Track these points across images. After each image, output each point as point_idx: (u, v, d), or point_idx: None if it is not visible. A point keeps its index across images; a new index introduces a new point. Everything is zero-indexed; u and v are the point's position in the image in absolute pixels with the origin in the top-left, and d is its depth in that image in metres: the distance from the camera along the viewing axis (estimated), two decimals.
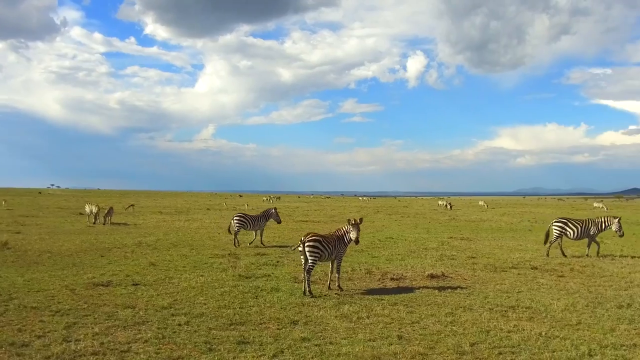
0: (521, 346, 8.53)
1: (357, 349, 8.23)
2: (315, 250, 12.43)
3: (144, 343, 8.49)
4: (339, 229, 13.43)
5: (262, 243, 23.00)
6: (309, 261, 12.42)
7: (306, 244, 12.41)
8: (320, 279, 14.28)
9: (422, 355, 8.07)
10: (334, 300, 11.92)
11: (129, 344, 8.44)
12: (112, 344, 8.40)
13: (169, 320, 9.92)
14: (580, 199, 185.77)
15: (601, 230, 19.86)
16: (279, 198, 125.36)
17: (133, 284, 13.48)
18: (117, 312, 10.54)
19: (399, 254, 20.06)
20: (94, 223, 34.43)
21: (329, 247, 12.71)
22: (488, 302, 11.83)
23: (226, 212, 53.22)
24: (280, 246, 22.61)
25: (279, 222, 24.88)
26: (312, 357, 7.94)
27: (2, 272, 15.00)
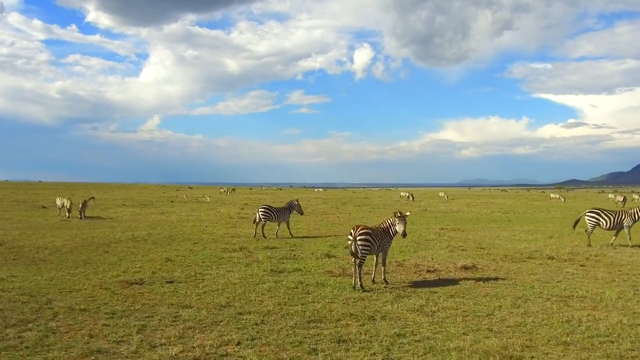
0: (614, 335, 8.59)
1: (464, 344, 8.07)
2: (367, 243, 12.29)
3: (236, 346, 8.01)
4: (384, 221, 13.28)
5: (290, 234, 23.43)
6: (360, 254, 12.22)
7: (358, 238, 12.19)
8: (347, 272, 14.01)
9: (529, 347, 7.98)
10: (390, 293, 11.70)
11: (220, 347, 7.94)
12: (204, 347, 7.85)
13: (242, 320, 9.44)
14: (523, 190, 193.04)
15: (635, 221, 20.32)
16: (234, 190, 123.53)
17: (167, 282, 12.79)
18: (178, 312, 9.94)
19: (406, 246, 20.00)
20: (68, 217, 32.72)
21: (378, 240, 12.61)
22: (539, 292, 11.92)
23: (193, 205, 51.85)
24: (285, 238, 22.20)
25: (302, 213, 25.01)
26: (423, 354, 7.71)
27: (13, 271, 13.90)
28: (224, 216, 36.36)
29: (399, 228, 12.76)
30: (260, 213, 22.89)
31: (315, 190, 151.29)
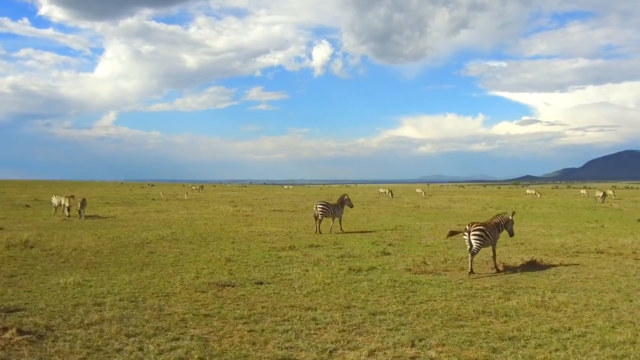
0: None
1: (626, 337, 8.19)
2: (480, 237, 13.77)
3: (411, 347, 7.84)
4: (495, 217, 15.03)
5: (341, 229, 24.16)
6: (474, 246, 13.72)
7: (472, 233, 13.73)
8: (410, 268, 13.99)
9: None
10: (495, 290, 11.71)
11: (397, 348, 7.75)
12: (385, 350, 7.67)
13: (384, 321, 9.31)
14: (479, 186, 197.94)
15: None
16: (202, 187, 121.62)
17: (257, 283, 12.40)
18: (308, 314, 9.69)
19: (446, 242, 20.09)
20: (68, 216, 31.38)
21: (490, 234, 14.08)
22: (633, 285, 12.13)
23: (178, 202, 50.68)
24: (320, 235, 21.96)
25: (352, 206, 26.17)
26: (600, 349, 7.77)
27: (80, 275, 13.12)
28: (225, 214, 35.71)
29: (510, 226, 14.95)
30: (318, 209, 23.75)
31: (284, 187, 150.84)
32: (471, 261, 13.75)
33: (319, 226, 23.87)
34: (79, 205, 31.97)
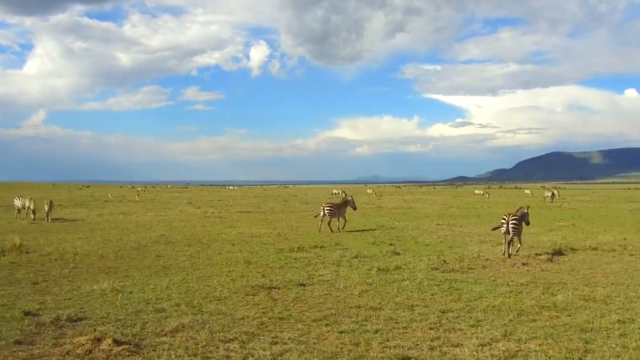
0: None
1: None
2: (517, 226, 16.68)
3: (506, 342, 8.08)
4: (517, 211, 17.73)
5: (339, 229, 24.95)
6: (511, 234, 16.67)
7: (510, 222, 16.74)
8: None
9: None
10: (532, 286, 12.21)
11: (495, 342, 8.02)
12: (490, 347, 7.89)
13: (461, 319, 9.50)
14: (415, 187, 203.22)
15: None
16: (146, 188, 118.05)
17: (299, 285, 12.36)
18: (381, 314, 9.77)
19: (441, 241, 20.71)
20: (33, 219, 29.73)
21: (520, 224, 16.93)
22: None
23: (136, 204, 49.05)
24: (303, 236, 22.00)
25: (355, 208, 27.43)
26: None
27: (109, 281, 12.56)
28: (196, 216, 34.97)
29: (527, 218, 17.74)
30: (326, 210, 24.88)
31: (229, 187, 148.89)
32: (507, 246, 16.71)
33: (326, 226, 24.93)
34: (47, 208, 30.38)
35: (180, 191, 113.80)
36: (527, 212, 17.86)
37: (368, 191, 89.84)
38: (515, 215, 17.08)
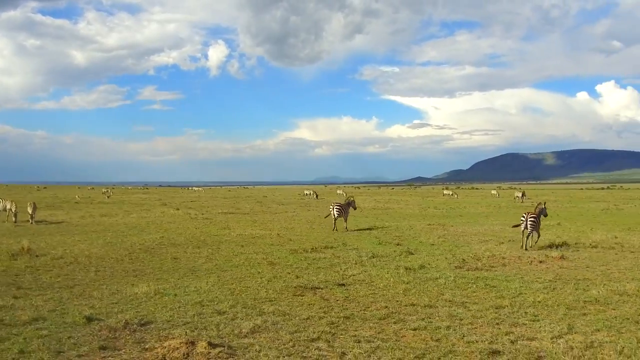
0: None
1: None
2: (534, 222, 18.98)
3: (574, 334, 8.48)
4: (537, 207, 20.59)
5: (337, 228, 26.14)
6: (529, 229, 18.85)
7: (529, 219, 18.92)
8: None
9: None
10: (561, 282, 12.72)
11: (566, 335, 8.39)
12: (566, 337, 8.27)
13: (513, 314, 9.85)
14: (374, 187, 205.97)
15: None
16: (110, 190, 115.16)
17: (339, 285, 12.53)
18: (439, 311, 10.06)
19: (443, 241, 21.22)
20: (15, 222, 28.72)
21: (539, 220, 19.32)
22: None
23: (108, 206, 47.94)
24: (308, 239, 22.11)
25: (355, 208, 29.12)
26: None
27: (152, 284, 12.40)
28: (182, 217, 34.50)
29: (544, 212, 20.89)
30: (335, 210, 26.54)
31: (195, 189, 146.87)
32: (525, 240, 18.83)
33: (335, 224, 26.48)
34: (30, 210, 29.37)
35: (144, 192, 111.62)
36: (545, 207, 20.88)
37: (339, 192, 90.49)
38: (534, 213, 19.40)
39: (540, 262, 15.81)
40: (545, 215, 21.29)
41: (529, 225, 18.90)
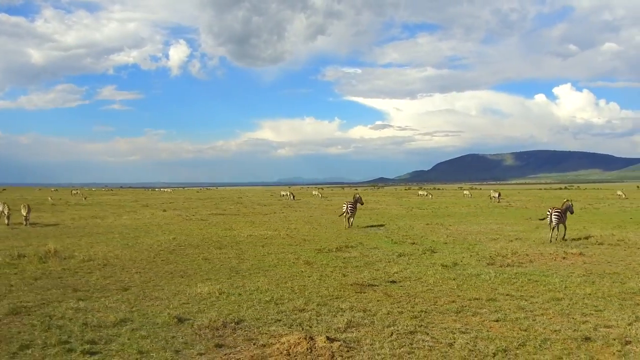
0: None
1: None
2: (558, 216, 21.10)
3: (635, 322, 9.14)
4: (564, 203, 22.53)
5: (350, 224, 27.90)
6: (554, 223, 21.03)
7: (553, 214, 21.18)
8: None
9: None
10: (599, 275, 13.46)
11: (634, 324, 9.02)
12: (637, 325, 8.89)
13: (576, 305, 10.46)
14: (338, 188, 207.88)
15: None
16: (80, 191, 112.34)
17: (390, 282, 12.93)
18: (501, 305, 10.58)
19: (452, 239, 21.90)
20: (8, 224, 28.00)
21: (564, 215, 21.44)
22: None
23: (90, 208, 46.96)
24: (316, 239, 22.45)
25: (362, 203, 30.14)
26: None
27: (210, 285, 12.51)
28: (176, 219, 34.24)
29: (571, 209, 22.66)
30: (348, 208, 27.97)
31: (165, 190, 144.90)
32: (552, 234, 20.92)
33: (348, 222, 27.96)
34: (25, 212, 28.69)
35: (113, 194, 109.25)
36: (572, 204, 22.99)
37: (314, 192, 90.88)
38: (558, 209, 21.67)
39: (563, 258, 16.60)
40: (572, 212, 22.99)
41: (553, 220, 21.02)
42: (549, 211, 21.77)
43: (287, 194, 79.61)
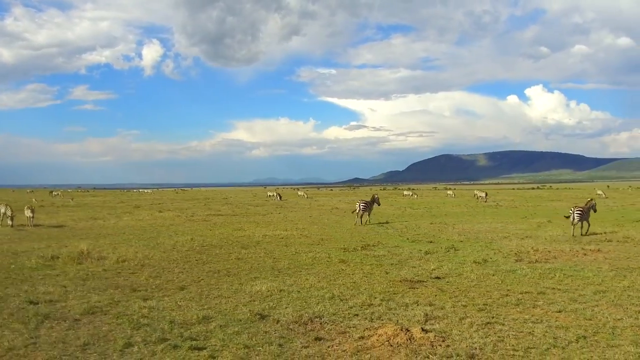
0: None
1: None
2: (581, 214, 22.84)
3: None
4: (588, 202, 25.06)
5: (362, 222, 29.44)
6: (576, 220, 22.86)
7: (576, 212, 23.01)
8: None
9: None
10: (628, 270, 14.21)
11: None
12: None
13: (625, 296, 11.11)
14: (313, 188, 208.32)
15: None
16: (61, 193, 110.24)
17: (435, 278, 13.46)
18: (553, 297, 11.13)
19: (462, 239, 22.58)
20: (12, 226, 27.65)
21: (585, 212, 23.17)
22: None
23: (80, 209, 46.43)
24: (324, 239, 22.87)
25: (379, 204, 32.94)
26: None
27: (265, 283, 12.82)
28: (182, 220, 34.21)
29: (594, 208, 24.91)
30: (361, 206, 29.80)
31: (145, 191, 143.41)
32: (573, 230, 22.78)
33: (361, 219, 29.70)
34: (30, 214, 28.44)
35: (93, 195, 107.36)
36: (595, 204, 25.30)
37: (299, 193, 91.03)
38: (580, 207, 23.57)
39: (584, 254, 17.35)
40: (595, 211, 25.31)
41: (576, 217, 22.96)
42: (571, 209, 23.64)
43: (273, 195, 79.56)
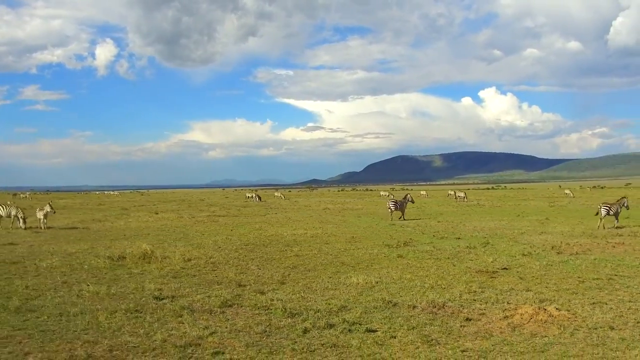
0: None
1: None
2: (606, 209, 26.07)
3: None
4: (620, 199, 27.55)
5: (400, 218, 32.68)
6: (603, 214, 25.93)
7: (602, 207, 26.24)
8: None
9: None
10: None
11: None
12: None
13: None
14: (272, 189, 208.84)
15: None
16: (29, 195, 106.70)
17: (503, 268, 14.75)
18: (621, 282, 12.58)
19: (478, 236, 24.07)
20: (25, 228, 27.47)
21: (612, 208, 26.24)
22: None
23: (75, 211, 45.73)
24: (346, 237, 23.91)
25: (413, 202, 36.45)
26: None
27: (349, 277, 13.75)
28: (190, 222, 34.39)
29: (626, 205, 27.31)
30: (390, 205, 33.29)
31: (112, 193, 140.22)
32: (599, 224, 25.55)
33: (392, 216, 33.02)
34: (42, 215, 28.22)
35: (59, 198, 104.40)
36: (627, 201, 27.70)
37: (276, 194, 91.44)
38: (607, 203, 26.82)
39: (613, 247, 19.00)
40: (628, 208, 28.10)
41: (602, 212, 26.07)
42: (599, 205, 26.76)
43: (252, 196, 79.49)
